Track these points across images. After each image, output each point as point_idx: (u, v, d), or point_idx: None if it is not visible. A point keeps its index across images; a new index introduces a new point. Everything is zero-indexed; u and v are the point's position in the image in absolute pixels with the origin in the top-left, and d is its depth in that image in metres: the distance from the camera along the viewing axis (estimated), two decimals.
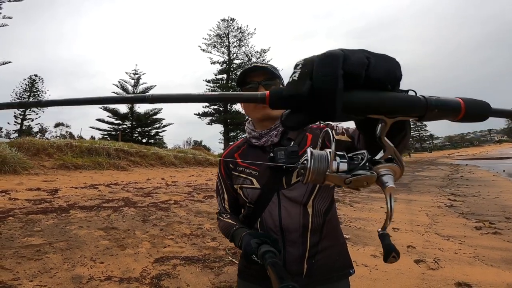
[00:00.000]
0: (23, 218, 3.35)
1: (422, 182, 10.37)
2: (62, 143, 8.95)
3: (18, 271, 2.10)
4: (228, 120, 31.88)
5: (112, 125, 30.65)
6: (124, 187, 6.47)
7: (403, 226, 4.16)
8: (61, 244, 2.64)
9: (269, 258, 0.71)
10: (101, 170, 8.61)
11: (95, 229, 3.24)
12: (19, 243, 2.58)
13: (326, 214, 0.89)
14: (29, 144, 7.90)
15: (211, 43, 33.45)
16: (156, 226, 3.62)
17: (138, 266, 2.40)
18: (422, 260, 2.76)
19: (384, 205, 2.53)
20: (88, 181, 6.65)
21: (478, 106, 0.32)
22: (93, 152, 9.46)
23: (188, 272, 2.36)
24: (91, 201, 4.74)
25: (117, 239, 2.99)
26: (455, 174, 13.41)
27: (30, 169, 6.72)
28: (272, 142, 0.94)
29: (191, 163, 13.48)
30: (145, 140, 30.33)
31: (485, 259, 2.75)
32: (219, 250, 2.93)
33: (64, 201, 4.51)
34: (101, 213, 3.97)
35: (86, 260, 2.39)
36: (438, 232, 3.83)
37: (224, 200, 1.05)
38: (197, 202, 5.34)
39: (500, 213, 4.95)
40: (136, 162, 10.58)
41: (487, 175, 12.65)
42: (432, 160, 34.15)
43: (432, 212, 5.13)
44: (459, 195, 7.13)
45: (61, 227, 3.13)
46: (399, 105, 0.30)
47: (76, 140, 11.34)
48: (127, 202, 4.82)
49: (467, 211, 5.17)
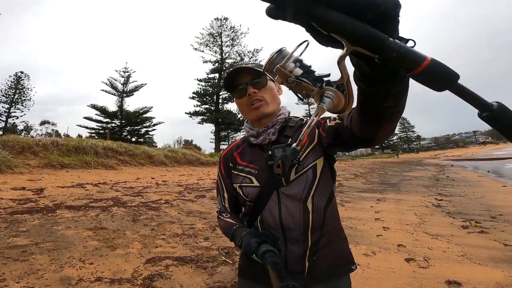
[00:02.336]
0: (8, 218, 3.23)
1: (410, 182, 10.60)
2: (48, 141, 8.70)
3: (4, 272, 2.01)
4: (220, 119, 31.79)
5: (100, 124, 30.05)
6: (113, 186, 6.33)
7: (393, 225, 4.24)
8: (48, 245, 2.55)
9: (269, 257, 0.72)
10: (88, 169, 8.41)
11: (83, 229, 3.15)
12: (4, 244, 2.48)
13: (326, 209, 0.89)
14: (14, 142, 7.63)
15: (204, 42, 33.30)
16: (147, 226, 3.56)
17: (129, 266, 2.35)
18: (412, 259, 2.81)
19: (374, 204, 2.59)
20: (75, 180, 6.47)
21: (441, 71, 0.30)
22: (80, 151, 9.23)
23: (181, 273, 2.32)
24: (78, 200, 4.61)
25: (107, 240, 2.92)
26: (441, 175, 13.76)
27: (14, 167, 6.48)
28: (270, 140, 0.93)
29: (182, 162, 13.33)
30: (135, 139, 29.88)
31: (473, 258, 2.82)
32: (212, 250, 2.90)
33: (50, 200, 4.38)
34: (89, 213, 3.86)
35: (75, 261, 2.32)
36: (426, 231, 3.91)
37: (224, 199, 1.05)
38: (189, 201, 5.28)
39: (485, 212, 5.11)
40: (125, 161, 10.39)
41: (472, 175, 13.04)
42: (419, 160, 34.98)
43: (420, 212, 5.24)
44: (445, 195, 7.32)
45: (48, 227, 3.03)
46: (359, 33, 0.30)
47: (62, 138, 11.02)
48: (116, 202, 4.71)
49: (454, 211, 5.31)
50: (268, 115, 0.94)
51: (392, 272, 2.51)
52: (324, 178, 0.89)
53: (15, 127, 36.76)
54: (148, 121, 31.10)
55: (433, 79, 0.30)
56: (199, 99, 32.79)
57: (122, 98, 30.58)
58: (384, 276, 2.42)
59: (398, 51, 0.30)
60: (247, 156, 0.98)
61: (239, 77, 0.93)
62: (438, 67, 0.30)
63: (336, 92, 0.40)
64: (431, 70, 0.30)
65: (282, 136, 0.94)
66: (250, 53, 33.06)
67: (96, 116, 29.55)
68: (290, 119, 0.98)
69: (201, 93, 32.57)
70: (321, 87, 0.41)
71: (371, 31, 0.31)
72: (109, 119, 30.16)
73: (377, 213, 5.09)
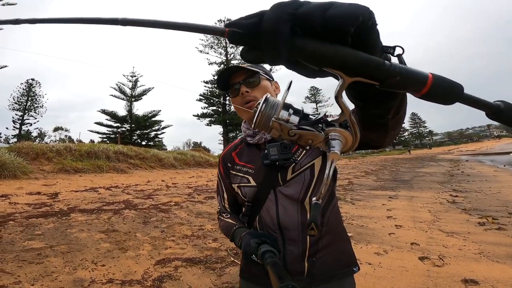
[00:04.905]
0: (24, 222, 3.32)
1: (423, 179, 10.35)
2: (61, 147, 8.93)
3: (19, 275, 2.07)
4: (227, 120, 31.92)
5: (111, 128, 30.69)
6: (124, 189, 6.44)
7: (406, 223, 4.14)
8: (62, 248, 2.61)
9: (269, 258, 0.71)
10: (101, 173, 8.59)
11: (95, 232, 3.21)
12: (19, 247, 2.56)
13: (324, 210, 0.87)
14: (28, 149, 7.88)
15: (208, 44, 33.49)
16: (157, 228, 3.60)
17: (139, 268, 2.38)
18: (426, 257, 2.73)
19: (386, 202, 2.53)
20: (88, 185, 6.62)
21: (448, 86, 0.29)
22: (92, 156, 9.44)
23: (190, 274, 2.33)
24: (91, 204, 4.71)
25: (118, 242, 2.97)
26: (455, 170, 13.39)
27: (29, 173, 6.69)
28: (265, 139, 0.93)
29: (191, 164, 13.45)
30: (145, 142, 30.35)
31: (491, 255, 2.72)
32: (220, 251, 2.91)
33: (64, 204, 4.49)
34: (101, 216, 3.94)
35: (88, 263, 2.37)
36: (441, 228, 3.80)
37: (224, 199, 1.05)
38: (198, 203, 5.32)
39: (502, 208, 4.93)
40: (136, 165, 10.56)
41: (487, 170, 12.63)
42: (432, 156, 34.16)
43: (434, 209, 5.10)
44: (460, 191, 7.10)
45: (62, 231, 3.11)
46: (354, 62, 0.28)
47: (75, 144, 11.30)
48: (128, 205, 4.79)
49: (470, 207, 5.15)
50: None
51: (405, 271, 2.45)
52: (323, 177, 0.87)
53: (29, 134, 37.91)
54: (157, 125, 31.55)
55: (441, 95, 0.29)
56: (206, 101, 33.05)
57: (130, 102, 31.13)
58: (396, 276, 2.36)
59: (400, 74, 0.28)
60: (244, 156, 0.98)
61: (234, 76, 0.93)
62: (442, 82, 0.29)
63: (341, 132, 0.36)
64: (436, 88, 0.29)
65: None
66: None
67: (107, 121, 30.19)
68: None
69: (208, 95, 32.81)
70: (323, 130, 0.37)
71: (363, 56, 0.28)
72: (119, 123, 30.76)
73: (389, 211, 4.99)
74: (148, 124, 31.11)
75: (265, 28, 0.27)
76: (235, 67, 0.92)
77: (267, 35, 0.27)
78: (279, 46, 0.27)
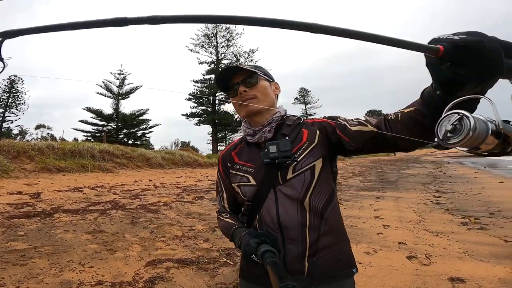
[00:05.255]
0: (5, 223, 3.18)
1: (408, 180, 10.65)
2: (43, 145, 8.61)
3: (3, 277, 1.98)
4: (217, 120, 31.70)
5: (96, 127, 29.80)
6: (110, 189, 6.28)
7: (393, 223, 4.24)
8: (47, 249, 2.51)
9: (268, 257, 0.71)
10: (85, 172, 8.34)
11: (81, 232, 3.11)
12: (2, 248, 2.44)
13: (324, 210, 0.88)
14: (9, 147, 7.54)
15: (199, 43, 33.13)
16: (146, 228, 3.52)
17: (129, 270, 2.32)
18: (414, 256, 2.81)
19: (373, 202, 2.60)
20: (72, 184, 6.41)
21: None
22: (76, 154, 9.15)
23: (182, 275, 2.30)
24: (76, 204, 4.57)
25: (106, 243, 2.88)
26: (438, 172, 13.86)
27: (10, 172, 6.41)
28: (265, 138, 0.93)
29: (180, 164, 13.28)
30: (131, 141, 29.65)
31: (475, 254, 2.83)
32: (212, 252, 2.88)
33: (48, 204, 4.33)
34: (87, 216, 3.82)
35: (74, 264, 2.29)
36: (426, 228, 3.92)
37: (223, 199, 1.04)
38: (187, 203, 5.25)
39: (484, 208, 5.14)
40: (122, 164, 10.31)
41: (469, 172, 13.15)
42: (415, 158, 35.18)
43: (419, 209, 5.26)
44: (443, 192, 7.36)
45: (46, 231, 2.99)
46: None
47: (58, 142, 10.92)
48: (115, 205, 4.67)
49: (452, 207, 5.34)
50: (258, 112, 0.93)
51: (395, 270, 2.51)
52: (323, 179, 0.88)
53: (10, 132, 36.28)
54: (144, 124, 30.86)
55: None
56: (196, 101, 32.70)
57: (117, 100, 30.30)
58: (386, 274, 2.42)
59: None
60: (244, 155, 0.97)
61: (234, 77, 0.95)
62: None
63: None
64: None
65: (279, 134, 0.93)
66: (246, 53, 32.97)
67: (92, 119, 29.31)
68: (288, 117, 0.98)
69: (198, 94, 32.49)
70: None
71: None
72: (105, 122, 29.89)
73: (376, 211, 5.10)
74: (135, 123, 30.40)
75: (491, 48, 0.38)
76: (234, 67, 0.94)
77: (493, 54, 0.38)
78: (501, 63, 0.38)
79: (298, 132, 0.92)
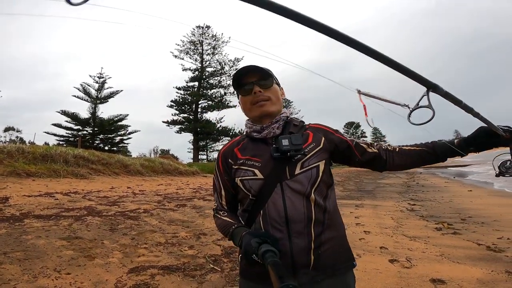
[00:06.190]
0: None
1: (384, 189, 11.06)
2: (13, 148, 8.05)
3: None
4: (199, 129, 31.25)
5: (71, 131, 28.31)
6: (85, 195, 5.96)
7: (373, 229, 4.37)
8: (18, 254, 2.32)
9: (269, 257, 0.72)
10: (57, 178, 7.85)
11: (55, 238, 2.91)
12: None
13: (326, 205, 0.91)
14: None
15: (184, 49, 32.71)
16: (126, 235, 3.37)
17: (111, 276, 2.19)
18: (396, 260, 2.90)
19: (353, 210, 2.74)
20: (43, 189, 6.02)
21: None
22: (48, 159, 8.62)
23: (169, 282, 2.21)
24: (47, 210, 4.28)
25: (83, 249, 2.71)
26: (411, 181, 14.53)
27: None
28: (274, 134, 0.95)
29: (159, 172, 12.87)
30: (108, 147, 28.40)
31: (451, 257, 2.97)
32: (198, 258, 2.80)
33: (17, 209, 4.02)
34: (61, 222, 3.59)
35: (49, 271, 2.13)
36: (404, 233, 4.07)
37: (221, 196, 1.03)
38: (169, 210, 5.10)
39: (455, 215, 5.44)
40: (98, 170, 9.82)
41: (440, 181, 13.91)
42: None
43: (396, 216, 5.47)
44: (417, 200, 7.72)
45: (16, 237, 2.77)
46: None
47: (28, 146, 10.24)
48: (91, 211, 4.43)
49: (427, 214, 5.60)
50: (271, 114, 0.96)
51: (379, 273, 2.57)
52: (324, 178, 0.93)
53: None
54: (123, 129, 29.71)
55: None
56: (178, 108, 32.10)
57: (95, 104, 29.04)
58: (372, 277, 2.47)
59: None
60: (249, 150, 0.98)
61: (247, 76, 0.96)
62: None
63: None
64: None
65: (286, 132, 0.95)
66: (231, 62, 32.85)
67: (66, 123, 27.83)
68: (292, 119, 1.02)
69: (180, 101, 31.95)
70: None
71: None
72: (80, 126, 28.47)
73: (357, 218, 5.23)
74: (113, 129, 29.22)
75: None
76: (254, 66, 0.95)
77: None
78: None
79: (303, 132, 0.97)
